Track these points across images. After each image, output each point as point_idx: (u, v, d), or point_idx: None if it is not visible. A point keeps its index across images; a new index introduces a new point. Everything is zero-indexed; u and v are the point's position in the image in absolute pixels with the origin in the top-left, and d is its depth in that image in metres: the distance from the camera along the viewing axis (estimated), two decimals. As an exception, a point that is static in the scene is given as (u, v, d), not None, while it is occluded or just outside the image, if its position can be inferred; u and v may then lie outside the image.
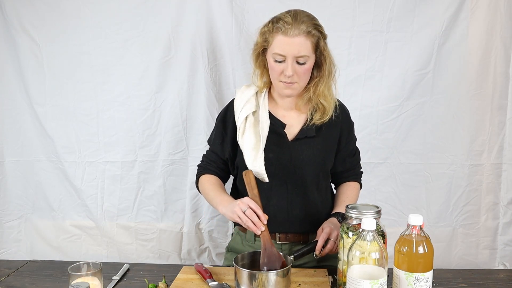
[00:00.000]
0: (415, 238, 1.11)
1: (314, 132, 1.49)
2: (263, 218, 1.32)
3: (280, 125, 1.49)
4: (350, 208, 1.24)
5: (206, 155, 1.63)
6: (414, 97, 2.11)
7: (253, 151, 1.44)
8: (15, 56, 2.14)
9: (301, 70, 1.39)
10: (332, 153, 1.55)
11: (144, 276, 1.43)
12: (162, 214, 2.24)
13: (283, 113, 1.52)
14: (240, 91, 1.54)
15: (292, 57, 1.36)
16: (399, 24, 2.06)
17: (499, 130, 2.15)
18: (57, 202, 2.25)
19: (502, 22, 2.06)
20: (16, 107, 2.19)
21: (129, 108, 2.16)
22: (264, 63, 1.47)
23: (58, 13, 2.09)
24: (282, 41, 1.35)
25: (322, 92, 1.45)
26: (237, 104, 1.51)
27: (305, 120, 1.50)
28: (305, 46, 1.36)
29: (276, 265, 1.31)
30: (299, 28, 1.34)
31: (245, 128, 1.46)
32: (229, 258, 1.64)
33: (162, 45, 2.10)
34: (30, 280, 1.42)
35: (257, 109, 1.49)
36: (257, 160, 1.42)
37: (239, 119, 1.47)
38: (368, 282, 1.06)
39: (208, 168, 1.60)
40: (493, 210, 2.20)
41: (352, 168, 1.64)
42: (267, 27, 1.40)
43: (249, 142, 1.45)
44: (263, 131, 1.45)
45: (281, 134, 1.48)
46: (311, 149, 1.49)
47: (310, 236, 1.53)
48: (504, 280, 1.41)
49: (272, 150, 1.46)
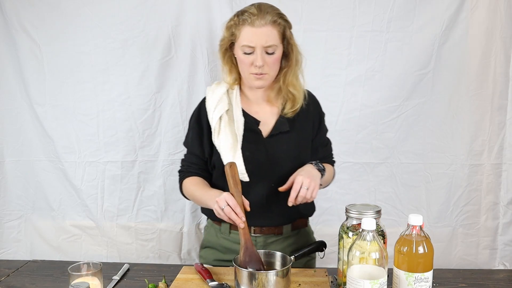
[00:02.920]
0: (415, 238, 1.11)
1: (287, 126, 1.49)
2: (241, 215, 1.30)
3: (254, 122, 1.49)
4: (350, 208, 1.24)
5: (186, 159, 1.61)
6: (414, 97, 2.11)
7: (230, 151, 1.43)
8: (15, 56, 2.14)
9: (270, 60, 1.40)
10: (307, 146, 1.56)
11: (144, 276, 1.43)
12: (162, 214, 2.24)
13: (256, 109, 1.52)
14: (210, 89, 1.53)
15: (261, 47, 1.37)
16: (399, 24, 2.06)
17: (499, 130, 2.15)
18: (57, 202, 2.25)
19: (502, 22, 2.06)
20: (16, 107, 2.19)
21: (129, 108, 2.15)
22: (232, 59, 1.47)
23: (58, 13, 2.09)
24: (249, 32, 1.36)
25: (291, 81, 1.47)
26: (209, 104, 1.50)
27: (278, 113, 1.50)
28: (272, 36, 1.37)
29: (257, 264, 1.31)
30: (265, 18, 1.36)
31: (220, 128, 1.46)
32: (204, 256, 1.62)
33: (162, 45, 2.10)
34: (30, 280, 1.42)
35: (230, 107, 1.49)
36: (235, 160, 1.41)
37: (213, 120, 1.47)
38: (368, 282, 1.06)
39: (190, 171, 1.57)
40: (493, 210, 2.20)
41: (325, 158, 1.64)
42: (233, 20, 1.41)
43: (225, 142, 1.44)
44: (239, 130, 1.45)
45: (256, 131, 1.48)
46: (286, 144, 1.50)
47: (284, 228, 1.54)
48: (504, 280, 1.41)
49: (248, 148, 1.45)
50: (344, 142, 2.13)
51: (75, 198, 2.24)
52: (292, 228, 1.56)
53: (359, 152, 2.16)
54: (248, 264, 1.30)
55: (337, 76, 2.11)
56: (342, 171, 2.18)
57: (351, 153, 2.16)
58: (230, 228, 1.54)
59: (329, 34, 2.08)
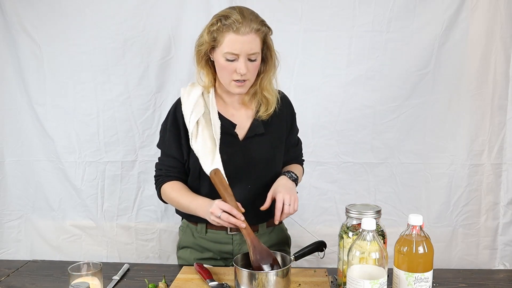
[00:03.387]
0: (415, 238, 1.11)
1: (263, 129, 1.50)
2: (239, 216, 1.31)
3: (230, 125, 1.48)
4: (350, 208, 1.24)
5: (162, 162, 1.56)
6: (414, 97, 2.12)
7: (209, 155, 1.42)
8: (15, 56, 2.14)
9: (252, 67, 1.39)
10: (281, 147, 1.56)
11: (144, 276, 1.43)
12: (162, 214, 2.24)
13: (232, 112, 1.51)
14: (186, 92, 1.50)
15: (245, 55, 1.36)
16: (399, 24, 2.06)
17: (499, 130, 2.15)
18: (57, 202, 2.25)
19: (502, 22, 2.06)
20: (16, 107, 2.19)
21: (129, 108, 2.15)
22: (209, 62, 1.45)
23: (58, 13, 2.09)
24: (234, 40, 1.34)
25: (265, 86, 1.47)
26: (185, 107, 1.47)
27: (252, 116, 1.51)
28: (255, 43, 1.36)
29: (269, 260, 1.31)
30: (250, 25, 1.34)
31: (198, 132, 1.44)
32: (182, 256, 1.61)
33: (162, 45, 2.10)
34: (30, 280, 1.42)
35: (206, 110, 1.47)
36: (214, 163, 1.40)
37: (190, 124, 1.44)
38: (368, 282, 1.06)
39: (170, 175, 1.53)
40: (493, 210, 2.20)
41: (296, 158, 1.66)
42: (216, 26, 1.36)
43: (203, 147, 1.43)
44: (217, 134, 1.44)
45: (232, 135, 1.48)
46: (261, 146, 1.50)
47: (260, 227, 1.55)
48: (504, 280, 1.41)
49: (225, 151, 1.44)
50: (344, 142, 2.14)
51: (75, 198, 2.24)
52: (267, 226, 1.57)
53: (359, 152, 2.16)
54: (260, 261, 1.31)
55: (337, 76, 2.11)
56: (342, 171, 2.18)
57: (351, 153, 2.16)
58: (207, 227, 1.54)
59: (329, 34, 2.08)
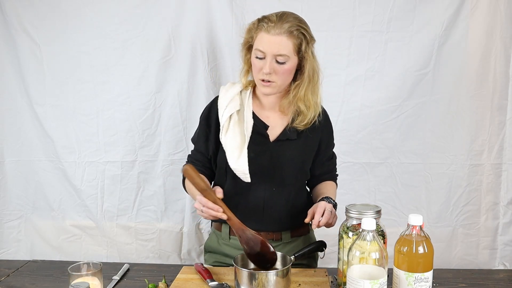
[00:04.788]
0: (415, 238, 1.11)
1: (295, 135, 1.50)
2: (217, 208, 1.27)
3: (263, 126, 1.49)
4: (350, 208, 1.24)
5: (192, 154, 1.61)
6: (414, 97, 2.12)
7: (236, 150, 1.43)
8: (15, 56, 2.14)
9: (280, 70, 1.39)
10: (311, 155, 1.56)
11: (144, 276, 1.43)
12: (162, 214, 2.24)
13: (267, 114, 1.52)
14: (224, 88, 1.53)
15: (272, 55, 1.37)
16: (399, 24, 2.06)
17: (499, 130, 2.15)
18: (57, 202, 2.25)
19: (502, 22, 2.06)
20: (16, 107, 2.19)
21: (129, 108, 2.15)
22: (250, 60, 1.47)
23: (58, 13, 2.09)
24: (263, 38, 1.37)
25: (301, 96, 1.45)
26: (221, 102, 1.50)
27: (288, 122, 1.50)
28: (285, 46, 1.36)
29: (257, 247, 1.30)
30: (282, 27, 1.35)
31: (229, 127, 1.46)
32: (208, 259, 1.63)
33: (162, 45, 2.10)
34: (30, 280, 1.42)
35: (242, 108, 1.49)
36: (240, 159, 1.42)
37: (223, 117, 1.47)
38: (368, 282, 1.06)
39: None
40: (493, 210, 2.20)
41: (329, 172, 1.65)
42: (253, 24, 1.42)
43: (232, 141, 1.44)
44: (248, 131, 1.44)
45: (263, 135, 1.48)
46: (291, 151, 1.50)
47: (283, 234, 1.53)
48: (504, 280, 1.42)
49: (253, 149, 1.45)
50: (344, 142, 2.13)
51: (75, 198, 2.24)
52: (291, 235, 1.55)
53: (359, 152, 2.16)
54: (251, 249, 1.30)
55: (337, 76, 2.11)
56: (342, 171, 2.17)
57: (351, 153, 2.16)
58: (230, 234, 1.54)
59: (329, 34, 2.08)
